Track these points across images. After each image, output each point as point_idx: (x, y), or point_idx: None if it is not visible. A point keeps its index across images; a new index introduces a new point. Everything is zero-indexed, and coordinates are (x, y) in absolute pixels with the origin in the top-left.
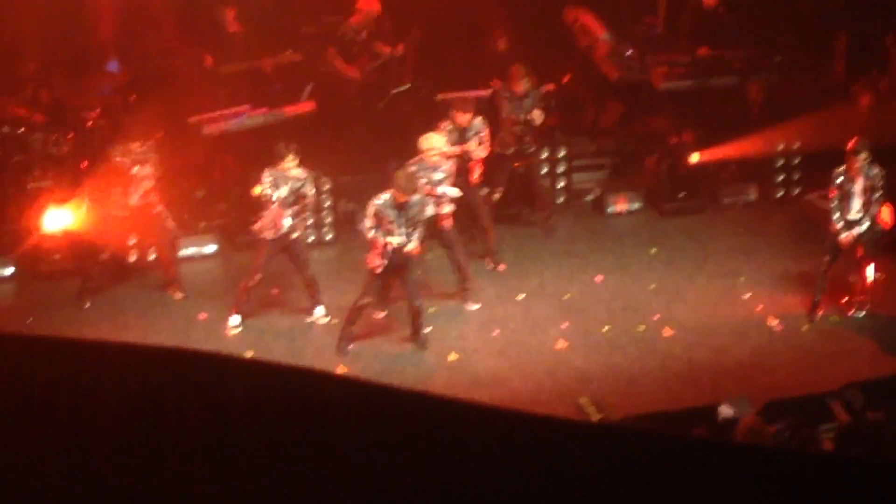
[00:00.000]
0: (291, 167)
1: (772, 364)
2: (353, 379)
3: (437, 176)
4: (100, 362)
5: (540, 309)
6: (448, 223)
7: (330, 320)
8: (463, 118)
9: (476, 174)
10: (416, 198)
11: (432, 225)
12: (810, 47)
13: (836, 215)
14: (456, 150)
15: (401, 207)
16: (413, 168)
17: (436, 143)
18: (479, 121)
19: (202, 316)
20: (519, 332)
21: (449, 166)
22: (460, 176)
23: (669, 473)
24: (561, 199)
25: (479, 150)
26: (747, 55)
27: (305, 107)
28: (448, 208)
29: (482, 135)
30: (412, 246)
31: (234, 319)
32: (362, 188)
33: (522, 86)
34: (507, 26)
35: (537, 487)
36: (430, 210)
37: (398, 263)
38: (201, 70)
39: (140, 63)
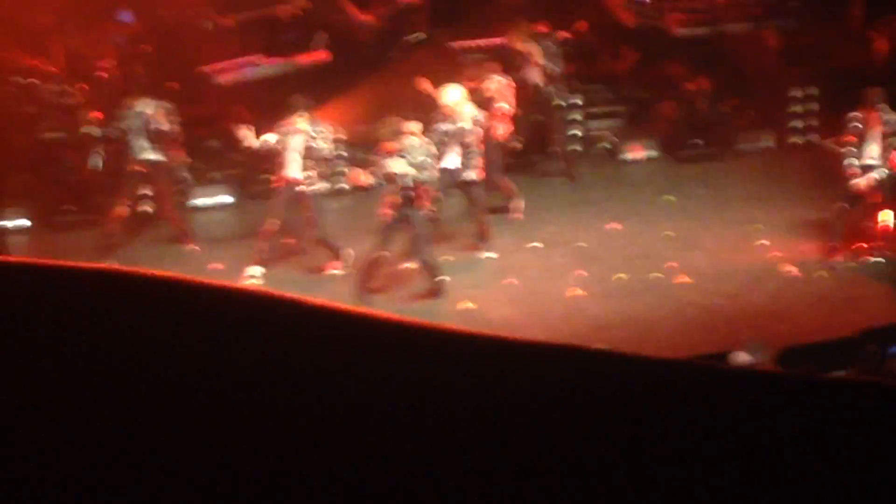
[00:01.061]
0: (304, 120)
1: (788, 310)
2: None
3: (464, 125)
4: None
5: (556, 257)
6: (475, 177)
7: (347, 272)
8: (472, 84)
9: (501, 129)
10: (412, 143)
11: (457, 177)
12: None
13: (854, 161)
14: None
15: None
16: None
17: (452, 96)
18: (496, 80)
19: (217, 265)
20: (534, 280)
21: (477, 116)
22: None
23: (681, 400)
24: (576, 147)
25: (501, 107)
26: (763, 0)
27: (319, 56)
28: (474, 161)
29: (505, 92)
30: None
31: (256, 269)
32: (378, 137)
33: (521, 44)
34: None
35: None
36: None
37: (406, 216)
38: (213, 19)
39: (152, 12)
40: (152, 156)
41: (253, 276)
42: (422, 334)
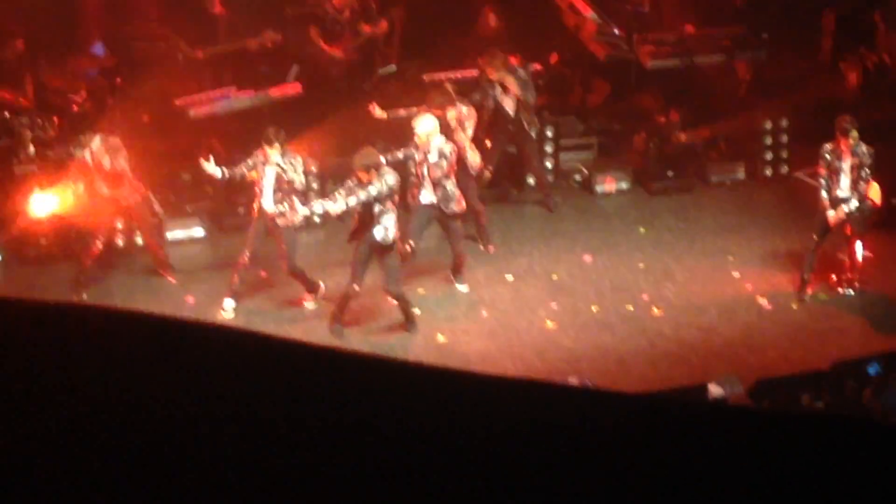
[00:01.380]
0: (276, 152)
1: (761, 343)
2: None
3: (432, 158)
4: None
5: (529, 289)
6: (455, 209)
7: (318, 305)
8: (441, 112)
9: (470, 158)
10: (384, 177)
11: (434, 212)
12: (798, 24)
13: (825, 193)
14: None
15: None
16: (373, 148)
17: (424, 126)
18: (462, 109)
19: (190, 299)
20: (508, 312)
21: (444, 148)
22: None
23: (655, 435)
24: (549, 179)
25: (462, 137)
26: (734, 33)
27: (291, 89)
28: (451, 193)
29: (466, 122)
30: (383, 234)
31: (228, 303)
32: (350, 170)
33: (495, 74)
34: (495, 4)
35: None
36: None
37: (376, 246)
38: (185, 52)
39: (125, 46)
40: (105, 191)
41: (224, 310)
42: (393, 370)
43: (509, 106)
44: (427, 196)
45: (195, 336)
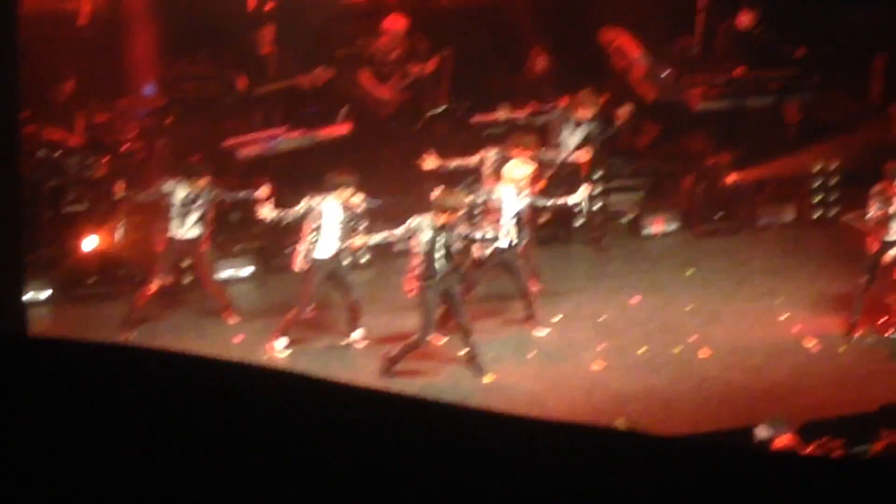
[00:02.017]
0: (347, 197)
1: (809, 385)
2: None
3: (519, 201)
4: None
5: (576, 331)
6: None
7: (367, 344)
8: (524, 153)
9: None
10: (457, 221)
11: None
12: (848, 67)
13: (875, 236)
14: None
15: (440, 229)
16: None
17: (520, 171)
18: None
19: (238, 339)
20: (555, 353)
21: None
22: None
23: (704, 481)
24: (597, 221)
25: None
26: (784, 75)
27: (341, 129)
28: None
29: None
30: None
31: (281, 343)
32: (398, 211)
33: (590, 112)
34: (545, 44)
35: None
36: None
37: (441, 289)
38: (235, 92)
39: (175, 86)
40: (191, 233)
41: (279, 350)
42: (438, 413)
43: (568, 145)
44: (505, 240)
45: (236, 377)
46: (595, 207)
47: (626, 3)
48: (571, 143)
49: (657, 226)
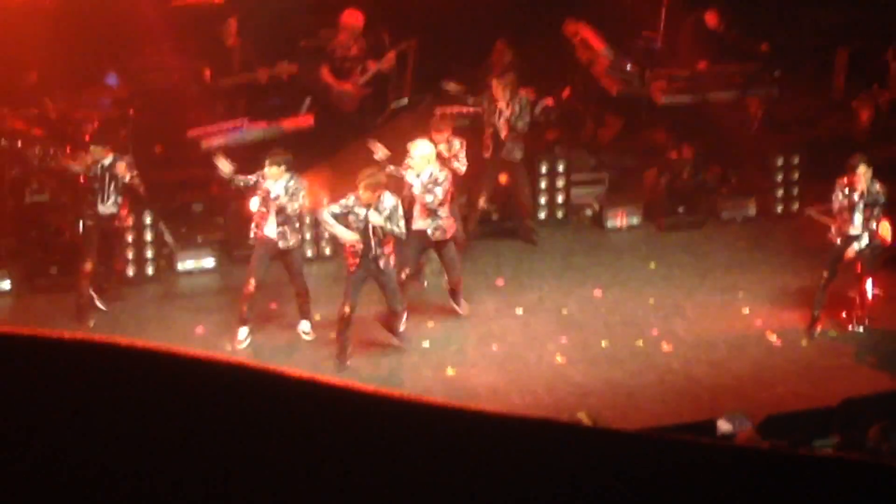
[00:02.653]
0: (278, 175)
1: (771, 379)
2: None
3: (425, 184)
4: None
5: (538, 323)
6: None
7: (316, 336)
8: (439, 137)
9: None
10: (386, 200)
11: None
12: (810, 62)
13: (836, 230)
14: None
15: (367, 208)
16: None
17: (420, 150)
18: (456, 141)
19: (199, 330)
20: (517, 346)
21: (439, 175)
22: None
23: (667, 476)
24: (560, 214)
25: (458, 166)
26: (747, 70)
27: (304, 121)
28: (443, 222)
29: (460, 154)
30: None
31: (243, 332)
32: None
33: (500, 95)
34: (508, 37)
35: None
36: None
37: (373, 269)
38: (200, 83)
39: (138, 76)
40: (103, 209)
41: (240, 340)
42: (402, 408)
43: (502, 130)
44: (419, 223)
45: (195, 369)
46: (558, 200)
47: None
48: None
49: (620, 219)
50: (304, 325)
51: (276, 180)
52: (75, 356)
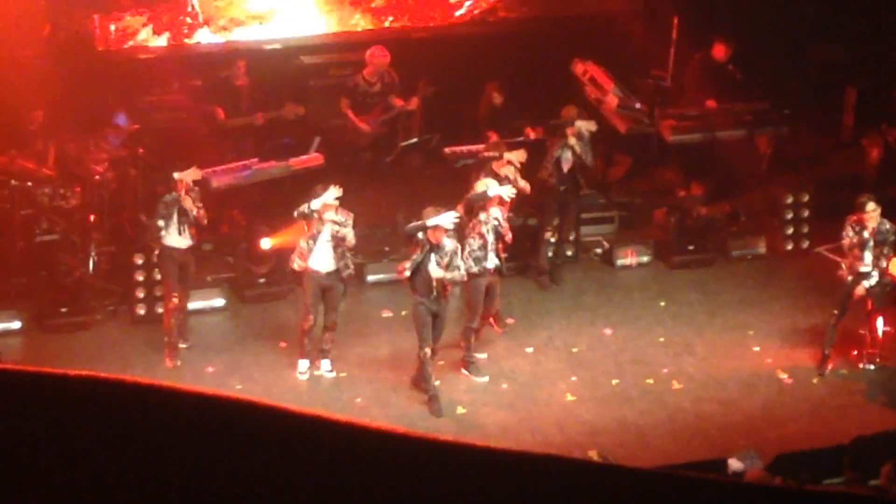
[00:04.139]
0: (330, 211)
1: (781, 417)
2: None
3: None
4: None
5: (549, 362)
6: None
7: (336, 374)
8: (500, 164)
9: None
10: (447, 244)
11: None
12: (819, 100)
13: (847, 268)
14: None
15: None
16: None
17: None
18: (510, 170)
19: (210, 369)
20: (528, 385)
21: (500, 215)
22: None
23: None
24: (569, 253)
25: (524, 185)
26: (756, 108)
27: (313, 160)
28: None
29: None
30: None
31: (303, 364)
32: (370, 242)
33: (571, 130)
34: (503, 80)
35: None
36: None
37: (435, 311)
38: (213, 123)
39: (147, 116)
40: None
41: (301, 373)
42: (414, 446)
43: (566, 165)
44: (493, 260)
45: (208, 408)
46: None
47: (600, 35)
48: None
49: (630, 258)
50: (326, 365)
51: (328, 212)
52: (83, 394)
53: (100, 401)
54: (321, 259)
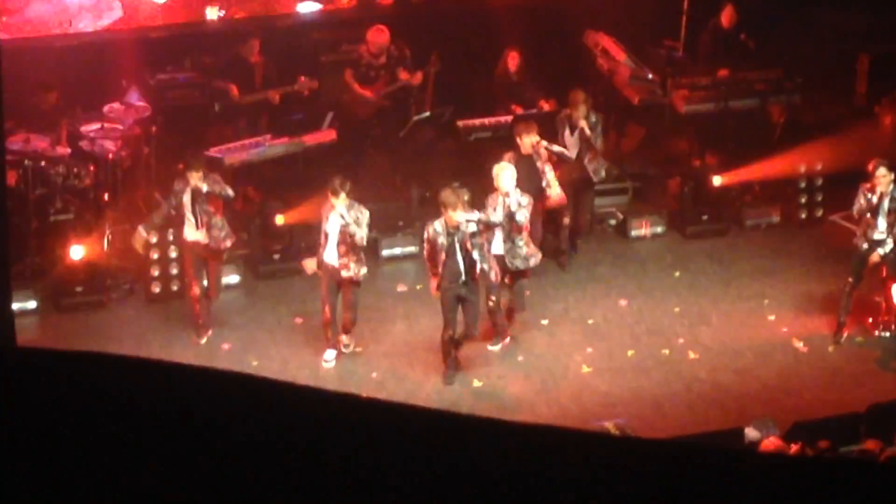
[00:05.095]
0: (342, 203)
1: (797, 386)
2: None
3: (512, 209)
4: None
5: (564, 334)
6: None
7: (353, 349)
8: (531, 138)
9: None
10: (466, 219)
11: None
12: (832, 68)
13: (860, 235)
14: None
15: (452, 230)
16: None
17: (507, 175)
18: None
19: (226, 346)
20: (543, 357)
21: (522, 200)
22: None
23: (696, 484)
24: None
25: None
26: (769, 76)
27: (326, 136)
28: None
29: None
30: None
31: (330, 354)
32: (384, 216)
33: (577, 114)
34: (521, 47)
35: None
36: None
37: (461, 292)
38: (227, 100)
39: (160, 94)
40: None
41: (327, 361)
42: (430, 420)
43: (574, 149)
44: (497, 247)
45: (225, 385)
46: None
47: (611, 5)
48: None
49: (644, 228)
50: (330, 353)
51: (339, 207)
52: (97, 372)
53: (115, 381)
54: (332, 253)
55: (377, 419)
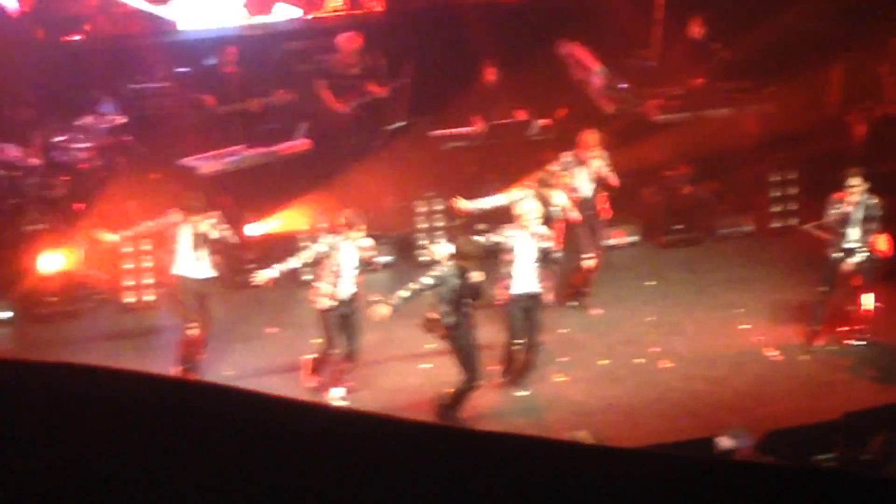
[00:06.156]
0: (360, 237)
1: (771, 394)
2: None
3: (533, 242)
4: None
5: None
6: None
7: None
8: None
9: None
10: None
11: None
12: (805, 78)
13: (834, 244)
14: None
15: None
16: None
17: (531, 208)
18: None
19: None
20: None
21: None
22: None
23: (668, 492)
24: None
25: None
26: (742, 86)
27: (301, 146)
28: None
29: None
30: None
31: (338, 392)
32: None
33: (587, 154)
34: (497, 59)
35: None
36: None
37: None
38: (201, 110)
39: (134, 103)
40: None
41: (334, 399)
42: (402, 430)
43: (587, 189)
44: (522, 286)
45: (199, 397)
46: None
47: (584, 16)
48: (585, 185)
49: (618, 237)
50: (337, 392)
51: (359, 241)
52: (71, 382)
53: (89, 391)
54: (347, 285)
55: (353, 429)
